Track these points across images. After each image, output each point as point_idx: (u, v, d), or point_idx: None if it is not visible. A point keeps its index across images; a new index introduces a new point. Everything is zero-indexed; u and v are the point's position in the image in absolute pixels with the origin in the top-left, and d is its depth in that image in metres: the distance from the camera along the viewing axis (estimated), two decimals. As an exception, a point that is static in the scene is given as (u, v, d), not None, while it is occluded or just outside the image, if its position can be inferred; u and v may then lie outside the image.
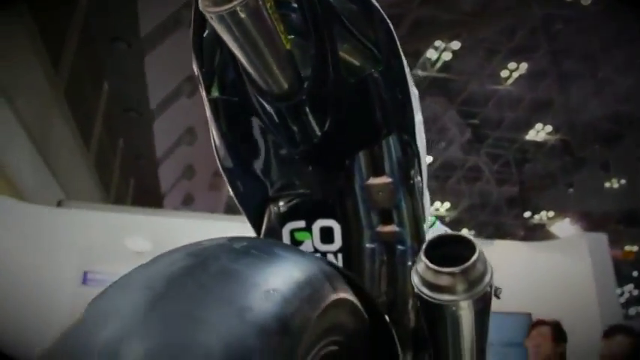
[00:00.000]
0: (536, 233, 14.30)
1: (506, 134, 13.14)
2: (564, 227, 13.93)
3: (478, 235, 15.35)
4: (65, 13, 6.89)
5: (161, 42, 8.47)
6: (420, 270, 0.63)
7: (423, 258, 0.63)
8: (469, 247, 0.62)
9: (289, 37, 0.70)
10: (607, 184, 14.01)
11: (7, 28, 5.11)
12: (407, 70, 0.79)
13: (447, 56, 11.58)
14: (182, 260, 0.43)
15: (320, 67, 0.72)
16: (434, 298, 0.62)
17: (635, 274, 19.55)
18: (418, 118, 0.83)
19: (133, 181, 11.41)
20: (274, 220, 0.87)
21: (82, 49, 7.18)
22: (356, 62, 0.75)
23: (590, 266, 6.09)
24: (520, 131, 12.97)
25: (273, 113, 0.75)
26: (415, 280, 0.64)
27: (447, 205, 15.23)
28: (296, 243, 0.85)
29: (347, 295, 0.58)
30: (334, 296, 0.52)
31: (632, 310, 21.80)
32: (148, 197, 11.48)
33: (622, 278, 19.53)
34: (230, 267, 0.43)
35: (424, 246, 0.64)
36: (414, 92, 0.82)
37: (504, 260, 6.27)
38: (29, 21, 5.62)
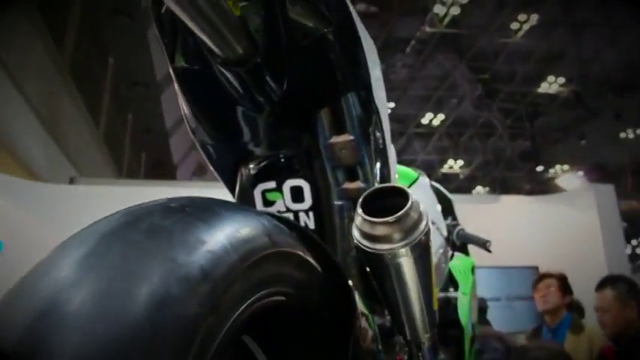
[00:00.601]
0: (550, 187, 14.21)
1: (518, 88, 12.92)
2: (572, 180, 13.81)
3: (492, 191, 15.31)
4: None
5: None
6: (358, 223, 0.65)
7: (360, 211, 0.65)
8: (405, 198, 0.65)
9: (240, 3, 0.72)
10: (622, 135, 13.80)
11: (8, 11, 5.13)
12: (359, 27, 0.81)
13: (455, 11, 11.31)
14: (118, 219, 0.47)
15: (271, 30, 0.74)
16: (373, 249, 0.65)
17: (650, 225, 19.30)
18: (375, 74, 0.85)
19: (144, 154, 11.45)
20: (246, 182, 0.90)
21: (84, 26, 7.17)
22: (307, 23, 0.76)
23: (598, 218, 6.04)
24: (532, 84, 12.74)
25: (233, 79, 0.77)
26: (355, 233, 0.66)
27: (461, 162, 15.14)
28: (268, 203, 0.89)
29: (293, 249, 0.60)
30: (273, 249, 0.55)
31: (647, 263, 21.62)
32: (160, 170, 11.56)
33: (638, 230, 19.35)
34: (160, 224, 0.46)
35: (360, 200, 0.66)
36: (370, 48, 0.84)
37: (511, 215, 6.29)
38: (30, 1, 5.63)
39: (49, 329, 0.36)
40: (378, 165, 0.90)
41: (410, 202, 0.64)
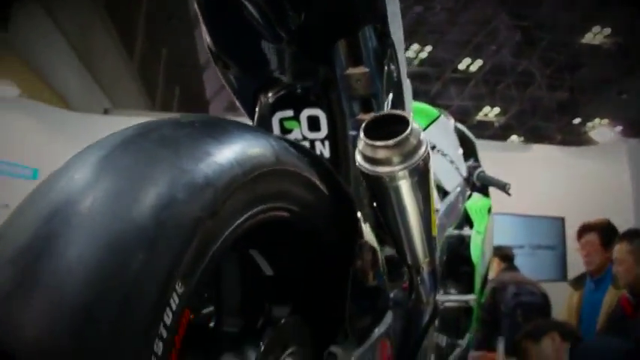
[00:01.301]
0: (585, 140, 13.88)
1: (561, 37, 12.47)
2: (606, 133, 13.42)
3: (527, 141, 15.02)
4: None
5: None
6: (361, 147, 0.69)
7: (362, 135, 0.68)
8: (405, 124, 0.67)
9: None
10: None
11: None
12: None
13: (499, -47, 10.87)
14: (132, 130, 0.50)
15: None
16: (373, 171, 0.68)
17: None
18: (391, 9, 0.87)
19: (177, 88, 11.51)
20: (265, 110, 0.93)
21: (120, -43, 7.11)
22: None
23: (629, 173, 5.94)
24: (575, 34, 12.27)
25: (254, 9, 0.80)
26: (358, 157, 0.70)
27: (497, 110, 14.85)
28: (285, 131, 0.92)
29: (300, 170, 0.63)
30: (277, 167, 0.57)
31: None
32: (194, 104, 11.62)
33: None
34: (169, 135, 0.50)
35: (363, 125, 0.68)
36: None
37: (541, 164, 6.20)
38: None
39: (59, 226, 0.39)
40: (391, 97, 0.92)
41: (410, 128, 0.66)
